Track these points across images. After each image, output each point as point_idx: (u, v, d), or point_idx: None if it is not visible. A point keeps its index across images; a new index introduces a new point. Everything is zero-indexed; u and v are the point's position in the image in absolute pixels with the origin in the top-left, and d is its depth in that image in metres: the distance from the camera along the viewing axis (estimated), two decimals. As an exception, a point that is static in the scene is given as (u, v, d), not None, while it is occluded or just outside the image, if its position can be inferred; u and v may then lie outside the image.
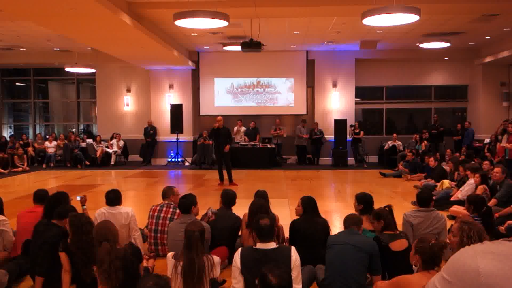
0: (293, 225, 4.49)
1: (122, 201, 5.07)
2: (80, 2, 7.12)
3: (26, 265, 4.33)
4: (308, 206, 4.53)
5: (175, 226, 4.62)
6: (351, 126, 14.72)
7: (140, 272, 3.77)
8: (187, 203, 4.74)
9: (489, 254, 1.14)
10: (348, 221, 3.93)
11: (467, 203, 5.22)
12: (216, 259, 3.63)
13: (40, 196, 4.93)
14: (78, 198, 5.24)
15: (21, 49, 14.56)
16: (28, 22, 9.59)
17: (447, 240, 3.50)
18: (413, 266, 3.21)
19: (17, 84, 18.14)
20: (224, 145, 10.40)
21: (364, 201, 4.80)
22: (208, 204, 6.24)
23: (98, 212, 4.86)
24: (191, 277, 3.42)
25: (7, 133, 17.20)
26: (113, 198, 4.91)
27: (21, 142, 14.92)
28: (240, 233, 5.11)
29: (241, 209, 5.28)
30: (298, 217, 4.61)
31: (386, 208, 4.29)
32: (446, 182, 8.99)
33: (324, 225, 4.48)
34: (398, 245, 3.88)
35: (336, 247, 3.75)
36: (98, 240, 3.51)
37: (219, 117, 10.57)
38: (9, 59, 15.57)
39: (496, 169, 7.43)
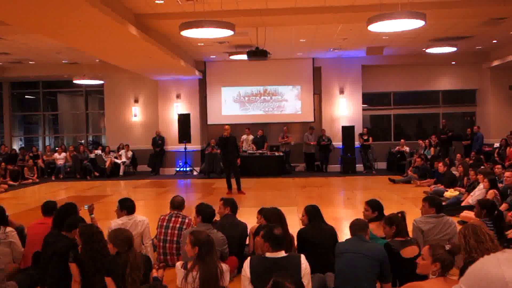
0: (301, 234, 4.46)
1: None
2: (88, 14, 7.20)
3: (37, 276, 4.34)
4: (313, 214, 4.51)
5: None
6: (360, 134, 14.68)
7: (150, 280, 3.77)
8: (209, 213, 4.72)
9: None
10: (355, 227, 3.90)
11: (479, 207, 5.14)
12: (225, 266, 3.62)
13: (49, 207, 4.96)
14: (86, 207, 5.27)
15: (30, 62, 14.74)
16: (37, 35, 9.71)
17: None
18: (430, 275, 3.12)
19: (26, 97, 18.34)
20: (232, 154, 10.56)
21: (378, 207, 4.79)
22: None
23: (117, 221, 4.85)
24: (212, 285, 3.40)
25: (17, 145, 17.36)
26: (132, 206, 5.00)
27: (31, 154, 15.05)
28: (247, 242, 5.09)
29: (250, 218, 5.27)
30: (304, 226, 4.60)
31: (399, 214, 4.25)
32: (452, 191, 8.96)
33: (332, 232, 4.46)
34: (409, 251, 3.83)
35: (346, 255, 3.71)
36: (125, 245, 3.56)
37: (226, 126, 10.78)
38: (18, 72, 15.77)
39: (507, 173, 7.37)
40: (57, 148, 15.74)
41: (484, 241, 3.15)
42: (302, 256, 3.50)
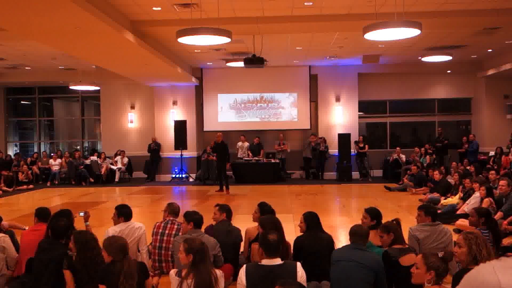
0: (298, 241, 4.40)
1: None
2: (85, 21, 7.21)
3: (30, 284, 4.29)
4: (311, 222, 4.46)
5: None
6: (355, 142, 14.71)
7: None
8: (200, 218, 4.71)
9: (509, 269, 1.09)
10: (355, 236, 3.84)
11: (477, 215, 5.11)
12: (219, 273, 3.60)
13: (42, 214, 4.90)
14: (81, 214, 5.21)
15: (26, 68, 14.71)
16: (33, 41, 9.71)
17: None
18: (425, 284, 3.11)
19: (22, 102, 18.28)
20: (222, 160, 12.11)
21: (377, 216, 4.78)
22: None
23: (114, 229, 4.82)
24: None
25: (12, 151, 17.27)
26: (129, 213, 4.98)
27: (28, 160, 15.09)
28: (242, 248, 5.08)
29: (246, 225, 5.25)
30: (302, 233, 4.57)
31: (394, 222, 4.24)
32: (455, 198, 8.93)
33: (329, 241, 4.42)
34: (408, 259, 3.80)
35: (341, 264, 3.69)
36: (120, 253, 3.54)
37: (219, 133, 12.42)
38: (14, 78, 15.73)
39: (501, 182, 7.38)
40: (52, 154, 15.67)
41: (491, 253, 3.18)
42: (298, 264, 3.49)
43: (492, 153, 13.53)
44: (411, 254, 3.88)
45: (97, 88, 15.28)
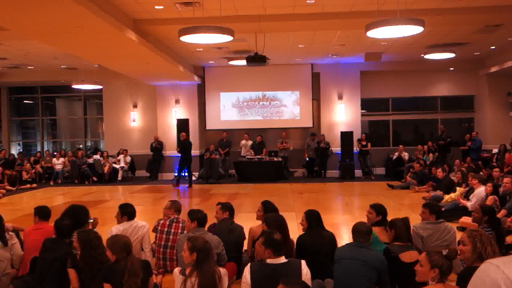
0: (300, 240, 4.41)
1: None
2: (87, 20, 7.21)
3: (34, 282, 4.30)
4: (313, 220, 4.47)
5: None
6: (358, 140, 14.69)
7: (149, 287, 3.75)
8: (204, 217, 4.71)
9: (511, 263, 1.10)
10: (356, 233, 3.84)
11: (481, 213, 5.09)
12: (223, 271, 3.60)
13: (44, 212, 4.90)
14: (90, 220, 5.17)
15: (29, 67, 14.73)
16: (35, 40, 9.72)
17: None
18: (429, 282, 3.10)
19: (25, 101, 18.32)
20: (186, 156, 12.99)
21: (382, 212, 4.77)
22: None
23: (118, 227, 4.83)
24: None
25: (15, 150, 17.32)
26: (133, 212, 4.98)
27: (31, 159, 15.12)
28: (245, 246, 5.08)
29: (248, 224, 5.26)
30: (304, 232, 4.57)
31: (401, 219, 4.24)
32: (453, 195, 8.91)
33: (331, 239, 4.42)
34: (408, 256, 3.82)
35: (344, 262, 3.69)
36: (123, 252, 3.56)
37: (182, 133, 13.39)
38: (16, 77, 15.76)
39: (505, 179, 7.37)
40: (55, 153, 15.70)
41: (496, 251, 3.17)
42: (303, 262, 3.49)
43: (495, 150, 13.50)
44: (412, 251, 3.88)
45: (100, 87, 15.28)
